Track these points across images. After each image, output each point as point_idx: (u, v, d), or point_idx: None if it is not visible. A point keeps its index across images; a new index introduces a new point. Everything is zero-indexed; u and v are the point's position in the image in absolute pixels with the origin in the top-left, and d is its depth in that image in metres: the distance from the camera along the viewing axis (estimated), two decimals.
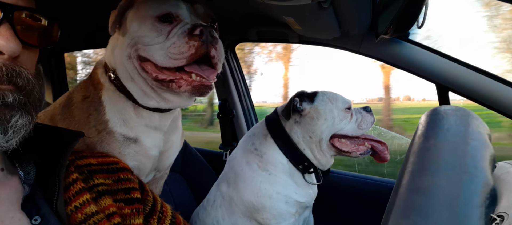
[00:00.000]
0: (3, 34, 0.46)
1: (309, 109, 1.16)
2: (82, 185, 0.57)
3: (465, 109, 0.41)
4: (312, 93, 1.20)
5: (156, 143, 0.89)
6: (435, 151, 0.36)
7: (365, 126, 1.17)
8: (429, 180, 0.33)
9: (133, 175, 0.68)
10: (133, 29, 0.80)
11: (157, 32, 0.78)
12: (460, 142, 0.36)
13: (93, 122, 0.82)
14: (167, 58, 0.75)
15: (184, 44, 0.74)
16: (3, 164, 0.53)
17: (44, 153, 0.54)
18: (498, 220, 0.57)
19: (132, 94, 0.84)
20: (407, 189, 0.33)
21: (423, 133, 0.38)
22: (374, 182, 1.57)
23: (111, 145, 0.81)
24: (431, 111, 0.42)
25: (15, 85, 0.47)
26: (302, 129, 1.16)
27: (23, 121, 0.48)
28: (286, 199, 1.13)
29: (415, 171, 0.35)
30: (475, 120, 0.39)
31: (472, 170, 0.33)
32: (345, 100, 1.19)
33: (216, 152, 1.94)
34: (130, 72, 0.83)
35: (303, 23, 1.16)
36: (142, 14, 0.80)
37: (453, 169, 0.33)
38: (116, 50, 0.84)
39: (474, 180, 0.33)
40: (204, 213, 1.23)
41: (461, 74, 1.15)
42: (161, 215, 0.71)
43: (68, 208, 0.54)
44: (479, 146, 0.36)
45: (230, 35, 1.59)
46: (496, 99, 1.10)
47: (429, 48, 1.21)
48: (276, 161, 1.16)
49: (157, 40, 0.77)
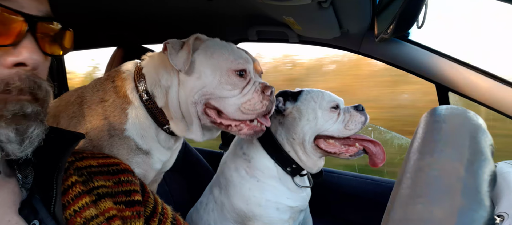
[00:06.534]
0: (28, 46, 0.46)
1: (291, 109, 1.11)
2: (81, 188, 0.57)
3: (466, 112, 0.38)
4: (297, 91, 1.15)
5: (163, 158, 0.91)
6: (429, 173, 0.33)
7: (353, 127, 1.08)
8: (422, 209, 0.30)
9: (134, 176, 0.68)
10: (205, 76, 0.81)
11: (232, 85, 0.82)
12: (457, 162, 0.33)
13: (107, 126, 0.81)
14: (239, 112, 0.81)
15: (259, 102, 0.82)
16: (1, 167, 0.52)
17: (42, 156, 0.53)
18: (498, 220, 0.57)
19: (172, 126, 0.86)
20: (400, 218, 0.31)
21: (418, 148, 0.36)
22: (374, 182, 1.57)
23: (121, 151, 0.82)
24: (430, 115, 0.39)
25: (35, 96, 0.48)
26: (286, 130, 1.11)
27: (38, 132, 0.48)
28: (277, 206, 1.08)
29: (408, 198, 0.32)
30: (477, 129, 0.36)
31: (469, 198, 0.31)
32: (331, 99, 1.12)
33: (216, 152, 1.94)
34: (185, 112, 0.83)
35: (303, 23, 1.16)
36: (218, 63, 0.82)
37: (449, 196, 0.31)
38: (174, 88, 0.83)
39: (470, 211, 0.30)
40: (197, 215, 1.20)
41: (461, 74, 1.15)
42: (162, 217, 0.71)
43: (67, 212, 0.53)
44: (477, 166, 0.33)
45: (230, 35, 1.59)
46: (496, 99, 1.10)
47: (429, 48, 1.21)
48: (264, 166, 1.11)
49: (231, 93, 0.82)
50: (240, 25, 1.45)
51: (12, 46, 0.45)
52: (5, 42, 0.44)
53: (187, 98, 0.82)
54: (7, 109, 0.44)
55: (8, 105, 0.44)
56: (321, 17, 1.03)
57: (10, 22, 0.45)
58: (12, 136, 0.45)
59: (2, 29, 0.44)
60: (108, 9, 1.33)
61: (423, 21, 0.89)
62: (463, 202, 0.30)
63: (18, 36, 0.45)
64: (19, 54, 0.45)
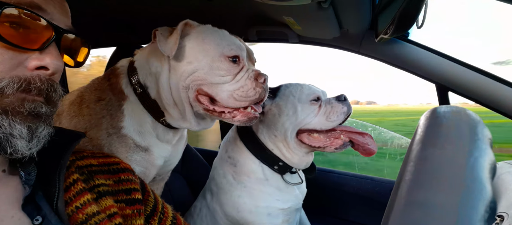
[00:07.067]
0: (52, 52, 0.52)
1: (270, 106, 1.08)
2: (82, 185, 0.57)
3: (466, 110, 0.40)
4: (275, 87, 1.11)
5: (163, 154, 0.91)
6: (432, 161, 0.35)
7: (334, 118, 1.03)
8: (426, 194, 0.32)
9: (134, 175, 0.68)
10: (197, 61, 0.80)
11: (225, 71, 0.80)
12: (458, 152, 0.35)
13: (105, 125, 0.82)
14: (232, 99, 0.80)
15: (252, 89, 0.81)
16: (5, 165, 0.53)
17: (45, 153, 0.54)
18: (498, 220, 0.57)
19: (167, 117, 0.85)
20: (404, 202, 0.32)
21: (421, 139, 0.37)
22: (374, 182, 1.57)
23: (120, 149, 0.82)
24: (431, 113, 0.41)
25: (50, 98, 0.52)
26: (267, 128, 1.07)
27: (46, 132, 0.51)
28: (268, 211, 1.04)
29: (412, 183, 0.34)
30: (476, 124, 0.38)
31: (471, 183, 0.32)
32: (311, 91, 1.07)
33: (216, 152, 1.94)
34: (176, 99, 0.82)
35: (303, 23, 1.16)
36: (210, 49, 0.81)
37: (451, 182, 0.32)
38: (165, 74, 0.82)
39: (472, 194, 0.32)
40: (190, 220, 1.18)
41: (461, 74, 1.15)
42: (162, 216, 0.71)
43: (69, 208, 0.54)
44: (478, 155, 0.34)
45: None
46: (496, 99, 1.10)
47: (429, 48, 1.21)
48: (250, 170, 1.07)
49: (223, 80, 0.80)
50: (240, 25, 1.45)
51: (39, 51, 0.50)
52: (33, 46, 0.50)
53: (178, 83, 0.81)
54: (24, 107, 0.48)
55: (25, 103, 0.48)
56: (321, 17, 1.03)
57: (41, 30, 0.50)
58: (25, 133, 0.48)
59: (33, 35, 0.50)
60: (108, 9, 1.33)
61: (423, 21, 0.89)
62: (465, 186, 0.32)
63: (45, 43, 0.51)
64: (43, 59, 0.50)
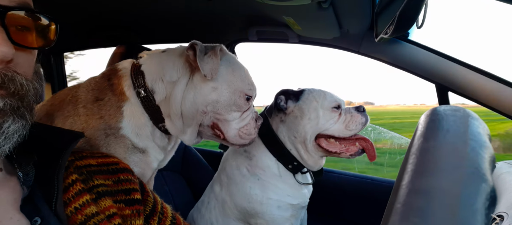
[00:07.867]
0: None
1: (292, 108, 1.13)
2: (81, 186, 0.57)
3: (465, 109, 0.41)
4: (299, 91, 1.16)
5: (159, 157, 0.92)
6: (434, 153, 0.35)
7: (353, 127, 1.09)
8: (429, 182, 0.32)
9: (133, 175, 0.68)
10: (221, 89, 0.84)
11: (237, 107, 0.86)
12: (459, 144, 0.36)
13: (103, 125, 0.81)
14: (237, 137, 0.88)
15: (253, 129, 0.90)
16: (2, 165, 0.52)
17: (43, 154, 0.54)
18: (498, 220, 0.57)
19: (167, 123, 0.86)
20: (407, 190, 0.33)
21: (422, 134, 0.38)
22: (374, 182, 1.57)
23: (118, 149, 0.81)
24: (431, 111, 0.42)
25: (7, 90, 0.46)
26: (287, 128, 1.13)
27: (15, 127, 0.46)
28: (278, 204, 1.10)
29: (415, 172, 0.34)
30: (475, 120, 0.39)
31: (472, 171, 0.33)
32: (333, 99, 1.13)
33: (216, 152, 1.94)
34: (187, 114, 0.84)
35: (303, 23, 1.16)
36: (236, 82, 0.85)
37: (453, 171, 0.33)
38: (181, 86, 0.83)
39: (473, 181, 0.32)
40: (198, 215, 1.21)
41: (461, 74, 1.15)
42: (162, 216, 0.71)
43: (68, 209, 0.53)
44: (478, 147, 0.35)
45: (230, 35, 1.59)
46: (496, 99, 1.10)
47: (429, 48, 1.21)
48: (265, 164, 1.12)
49: (233, 116, 0.86)
50: (240, 25, 1.45)
51: None
52: None
53: (196, 103, 0.83)
54: None
55: None
56: (321, 17, 1.03)
57: None
58: None
59: None
60: (108, 9, 1.33)
61: (423, 21, 0.89)
62: (467, 175, 0.33)
63: None
64: None
